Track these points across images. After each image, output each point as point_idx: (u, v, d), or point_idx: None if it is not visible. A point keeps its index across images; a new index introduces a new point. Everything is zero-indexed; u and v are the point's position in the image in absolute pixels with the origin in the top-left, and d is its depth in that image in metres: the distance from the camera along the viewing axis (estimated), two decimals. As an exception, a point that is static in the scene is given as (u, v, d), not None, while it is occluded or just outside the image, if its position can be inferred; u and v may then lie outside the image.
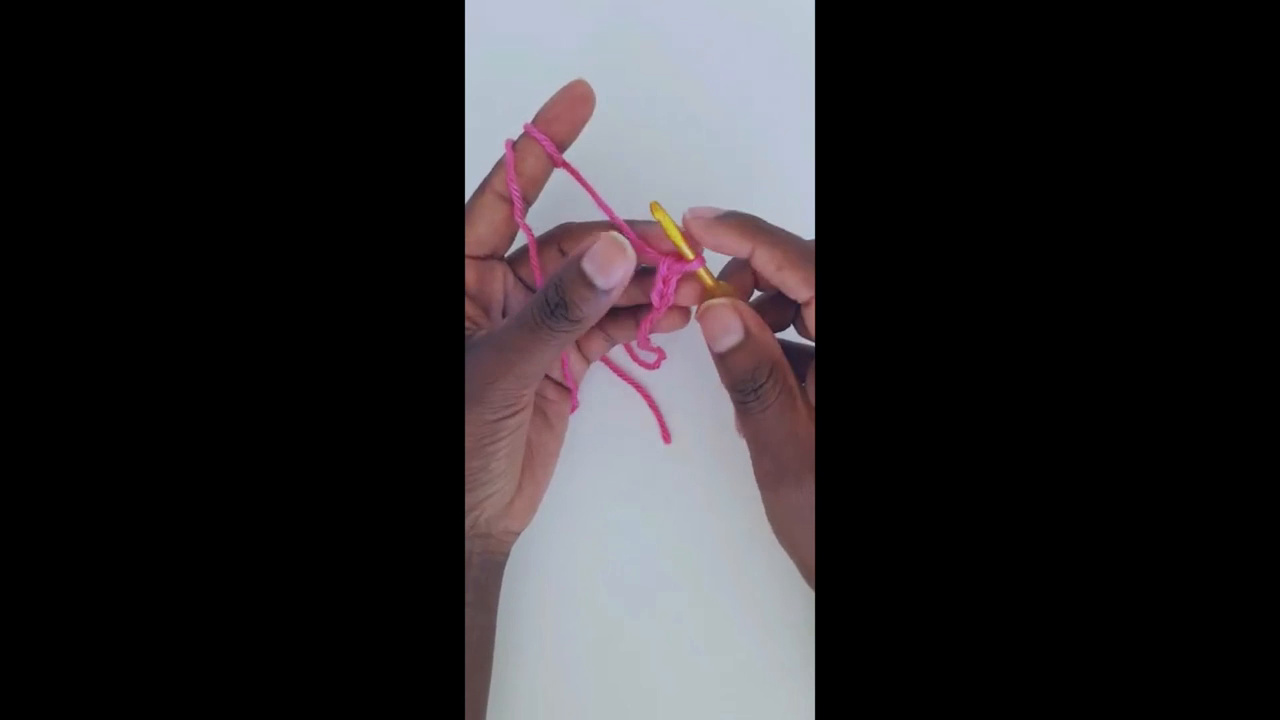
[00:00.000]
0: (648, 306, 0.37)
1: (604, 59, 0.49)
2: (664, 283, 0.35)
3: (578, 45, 0.50)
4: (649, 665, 0.42)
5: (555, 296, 0.32)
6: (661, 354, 0.41)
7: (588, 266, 0.32)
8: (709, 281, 0.36)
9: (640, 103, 0.48)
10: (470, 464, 0.35)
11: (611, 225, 0.37)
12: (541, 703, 0.41)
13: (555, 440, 0.41)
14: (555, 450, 0.41)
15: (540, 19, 0.50)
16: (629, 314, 0.39)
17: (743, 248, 0.34)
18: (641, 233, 0.36)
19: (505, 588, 0.41)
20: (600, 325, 0.38)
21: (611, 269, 0.32)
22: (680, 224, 0.35)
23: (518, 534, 0.40)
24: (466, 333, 0.36)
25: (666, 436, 0.45)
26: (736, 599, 0.42)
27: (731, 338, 0.34)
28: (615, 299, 0.33)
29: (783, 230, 0.35)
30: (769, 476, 0.35)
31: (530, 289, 0.39)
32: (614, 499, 0.44)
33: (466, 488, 0.35)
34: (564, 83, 0.36)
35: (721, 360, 0.35)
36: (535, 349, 0.33)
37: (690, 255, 0.35)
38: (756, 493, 0.43)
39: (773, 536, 0.42)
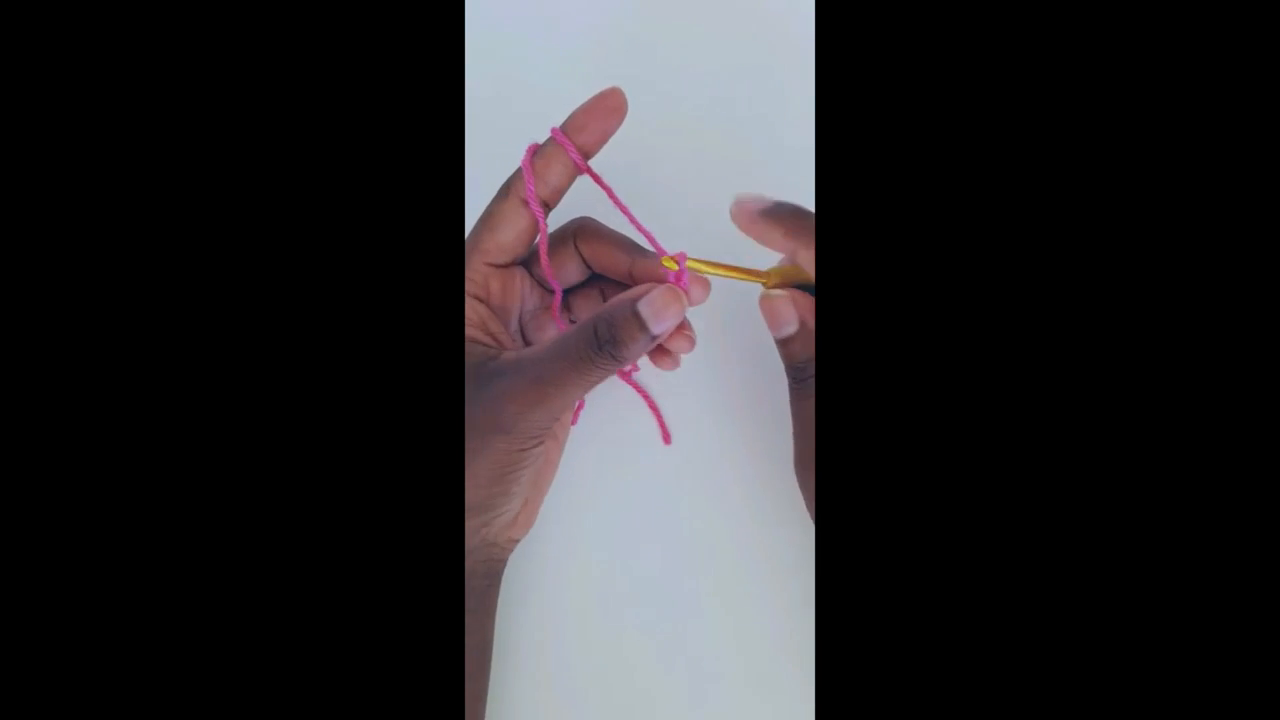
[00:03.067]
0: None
1: (604, 57, 0.49)
2: (676, 280, 0.35)
3: (578, 43, 0.50)
4: (648, 666, 0.42)
5: (606, 334, 0.32)
6: (634, 364, 0.41)
7: (644, 311, 0.32)
8: (764, 271, 0.36)
9: (641, 100, 0.48)
10: (491, 489, 0.34)
11: (615, 230, 0.37)
12: (541, 704, 0.41)
13: (557, 449, 0.41)
14: (556, 459, 0.41)
15: (540, 18, 0.50)
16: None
17: (785, 247, 0.34)
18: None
19: (505, 590, 0.40)
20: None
21: (666, 317, 0.33)
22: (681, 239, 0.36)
23: (519, 541, 0.40)
24: (486, 352, 0.35)
25: (666, 438, 0.45)
26: (736, 600, 0.42)
27: (788, 329, 0.35)
28: (657, 343, 0.33)
29: None
30: (801, 457, 0.36)
31: (545, 288, 0.39)
32: (614, 500, 0.44)
33: (482, 507, 0.35)
34: (563, 81, 0.36)
35: (780, 345, 0.36)
36: (574, 383, 0.33)
37: (761, 279, 0.35)
38: (756, 494, 0.44)
39: (771, 537, 0.43)
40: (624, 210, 0.37)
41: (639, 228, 0.36)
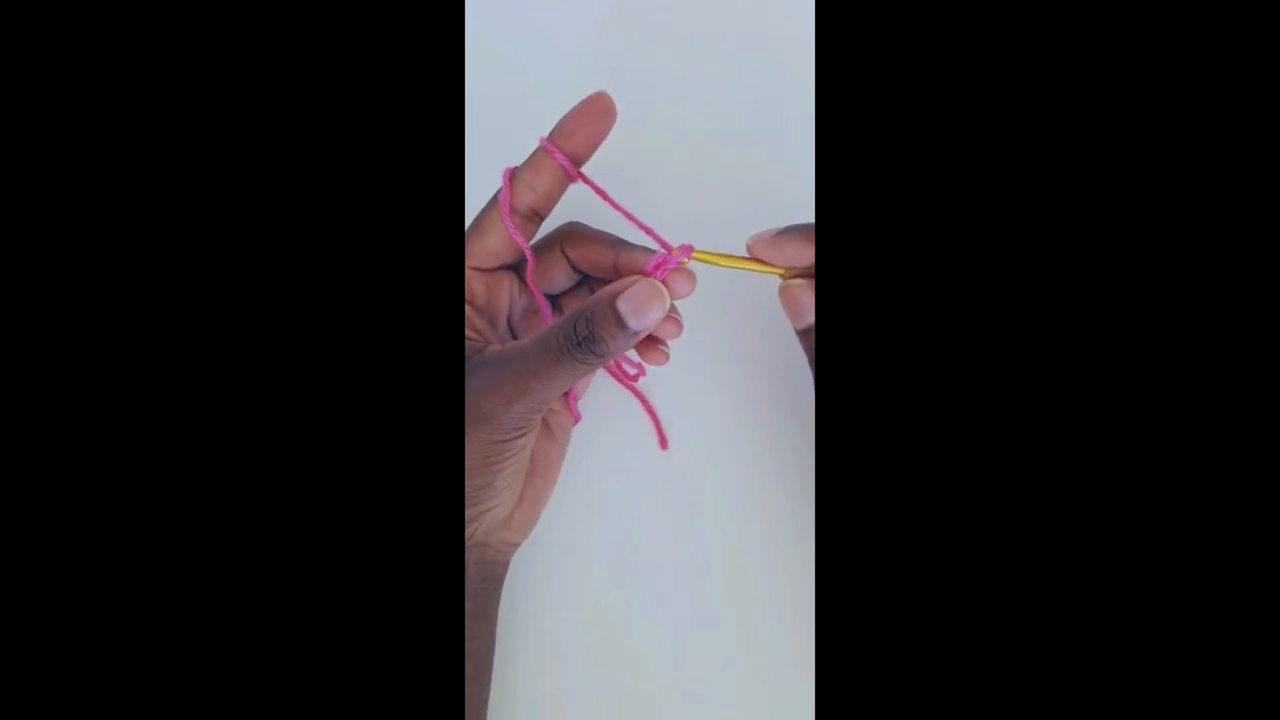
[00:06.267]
0: None
1: (604, 57, 0.49)
2: (656, 268, 0.35)
3: (577, 44, 0.50)
4: (647, 670, 0.42)
5: (585, 330, 0.33)
6: (641, 370, 0.42)
7: (623, 307, 0.32)
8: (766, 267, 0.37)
9: (641, 101, 0.48)
10: (473, 480, 0.35)
11: (610, 230, 0.37)
12: (541, 708, 0.41)
13: (558, 451, 0.41)
14: (558, 461, 0.41)
15: (540, 17, 0.50)
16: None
17: (808, 255, 0.35)
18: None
19: (503, 594, 0.40)
20: None
21: (647, 313, 0.33)
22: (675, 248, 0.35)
23: (517, 545, 0.40)
24: (472, 346, 0.36)
25: (664, 442, 0.45)
26: (734, 604, 0.42)
27: (808, 318, 0.36)
28: (641, 338, 0.33)
29: None
30: None
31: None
32: (611, 505, 0.44)
33: (467, 502, 0.35)
34: (562, 81, 0.36)
35: (801, 336, 0.36)
36: (557, 376, 0.33)
37: (778, 271, 0.36)
38: (753, 499, 0.43)
39: (770, 541, 0.43)
40: (621, 210, 0.36)
41: (639, 225, 0.36)
